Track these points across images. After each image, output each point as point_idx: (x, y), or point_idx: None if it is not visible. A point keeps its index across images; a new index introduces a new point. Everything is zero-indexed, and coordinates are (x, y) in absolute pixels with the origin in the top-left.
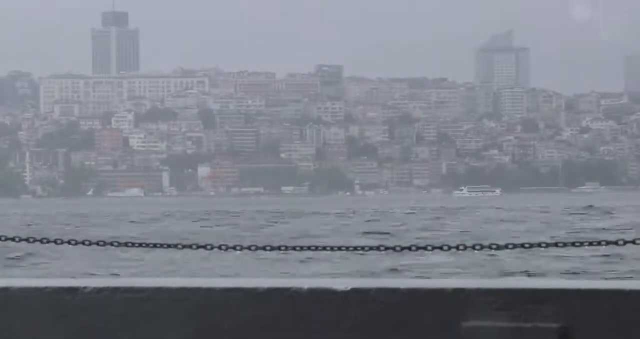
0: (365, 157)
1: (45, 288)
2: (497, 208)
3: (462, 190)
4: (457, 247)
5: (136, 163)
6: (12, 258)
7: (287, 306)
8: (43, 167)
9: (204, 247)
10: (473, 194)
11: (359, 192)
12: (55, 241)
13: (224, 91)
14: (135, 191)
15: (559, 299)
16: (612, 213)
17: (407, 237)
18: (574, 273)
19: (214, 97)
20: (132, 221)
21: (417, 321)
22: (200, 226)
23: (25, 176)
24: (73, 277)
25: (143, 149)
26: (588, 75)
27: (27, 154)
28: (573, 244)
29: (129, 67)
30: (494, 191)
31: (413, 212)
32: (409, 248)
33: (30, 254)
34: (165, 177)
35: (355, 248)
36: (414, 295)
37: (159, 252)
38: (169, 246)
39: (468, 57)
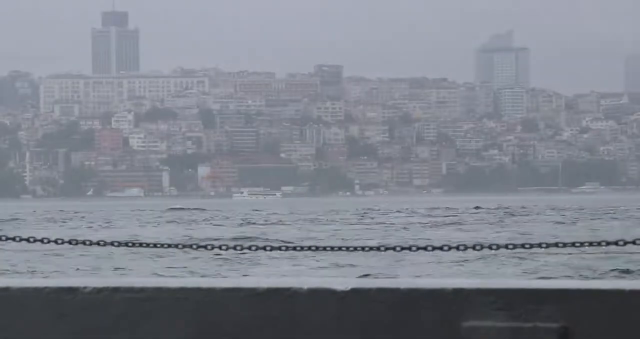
0: (365, 157)
1: (45, 288)
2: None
3: (242, 193)
4: (457, 248)
5: (136, 163)
6: None
7: (287, 306)
8: (43, 167)
9: (204, 247)
10: (253, 197)
11: (359, 192)
12: (55, 241)
13: (224, 91)
14: (135, 191)
15: (559, 299)
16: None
17: None
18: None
19: (214, 97)
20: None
21: (417, 321)
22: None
23: (25, 176)
24: (73, 277)
25: (143, 149)
26: (588, 75)
27: (27, 154)
28: (573, 244)
29: (129, 67)
30: (275, 194)
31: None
32: (409, 248)
33: None
34: (165, 177)
35: (355, 248)
36: (414, 295)
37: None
38: (169, 245)
39: (468, 57)
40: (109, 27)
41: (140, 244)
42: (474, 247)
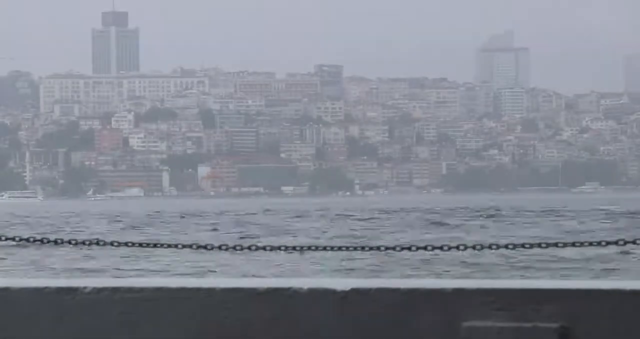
0: (365, 157)
1: (45, 288)
2: None
3: (2, 195)
4: (457, 248)
5: (136, 163)
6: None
7: (287, 306)
8: (43, 167)
9: (204, 247)
10: (13, 200)
11: (359, 192)
12: (55, 241)
13: (224, 91)
14: (135, 191)
15: (559, 299)
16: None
17: None
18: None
19: (214, 97)
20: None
21: (417, 321)
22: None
23: (25, 176)
24: (73, 277)
25: (143, 149)
26: (588, 75)
27: (27, 154)
28: (573, 244)
29: (129, 67)
30: (36, 197)
31: None
32: (409, 248)
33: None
34: (165, 177)
35: (355, 248)
36: (414, 295)
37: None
38: (169, 245)
39: (468, 57)
40: (109, 27)
41: (140, 244)
42: (474, 247)
